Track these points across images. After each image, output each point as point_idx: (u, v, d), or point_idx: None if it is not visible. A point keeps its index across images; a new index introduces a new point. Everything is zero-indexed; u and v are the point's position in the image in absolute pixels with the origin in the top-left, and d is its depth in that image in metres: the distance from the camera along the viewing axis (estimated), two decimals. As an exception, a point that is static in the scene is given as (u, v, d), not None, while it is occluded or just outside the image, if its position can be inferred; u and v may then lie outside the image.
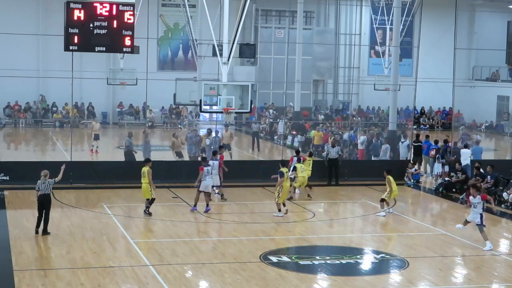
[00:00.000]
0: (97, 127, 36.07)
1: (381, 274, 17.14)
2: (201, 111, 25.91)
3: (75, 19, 19.01)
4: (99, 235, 19.69)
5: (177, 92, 33.00)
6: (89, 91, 46.79)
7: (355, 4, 54.02)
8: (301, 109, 44.30)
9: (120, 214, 22.28)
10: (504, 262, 18.24)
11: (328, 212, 24.30)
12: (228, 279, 16.07)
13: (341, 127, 45.07)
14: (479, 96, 51.83)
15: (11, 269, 16.30)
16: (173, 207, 23.80)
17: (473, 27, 55.74)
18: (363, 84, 52.78)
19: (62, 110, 48.57)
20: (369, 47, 53.93)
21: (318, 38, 51.31)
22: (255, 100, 46.35)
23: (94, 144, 35.15)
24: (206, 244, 19.09)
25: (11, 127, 47.37)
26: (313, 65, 51.37)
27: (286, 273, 16.60)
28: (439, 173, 29.33)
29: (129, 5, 19.34)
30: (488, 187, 25.98)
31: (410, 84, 35.28)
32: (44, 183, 19.28)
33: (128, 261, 17.31)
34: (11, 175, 26.10)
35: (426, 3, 37.38)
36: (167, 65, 51.29)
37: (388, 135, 35.33)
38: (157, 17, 49.31)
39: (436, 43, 51.26)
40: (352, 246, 19.48)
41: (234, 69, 47.69)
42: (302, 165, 25.28)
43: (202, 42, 39.15)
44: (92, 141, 35.56)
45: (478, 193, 19.37)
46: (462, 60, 47.16)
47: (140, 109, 49.71)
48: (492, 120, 52.84)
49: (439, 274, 16.96)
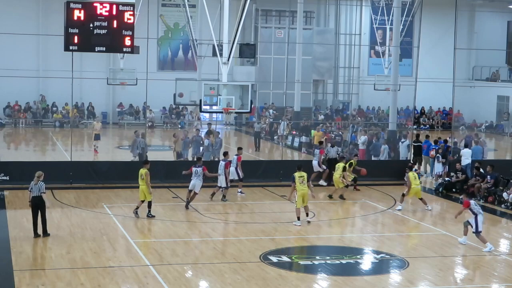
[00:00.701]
0: (99, 127, 35.96)
1: (381, 274, 17.15)
2: (201, 111, 25.91)
3: (75, 19, 19.02)
4: (99, 235, 19.69)
5: (177, 92, 33.03)
6: (89, 91, 46.84)
7: (355, 4, 54.03)
8: (301, 109, 44.28)
9: (120, 214, 22.28)
10: (504, 262, 18.24)
11: (328, 212, 24.29)
12: (228, 279, 16.07)
13: (341, 127, 45.08)
14: (479, 96, 51.84)
15: (11, 269, 16.30)
16: (173, 207, 23.80)
17: (473, 27, 55.74)
18: (363, 84, 52.80)
19: (62, 110, 48.57)
20: (369, 47, 53.94)
21: (318, 38, 51.30)
22: (255, 100, 46.34)
23: (95, 143, 35.14)
24: (206, 244, 19.09)
25: (11, 127, 47.37)
26: (313, 65, 51.37)
27: (286, 273, 16.60)
28: (439, 173, 29.33)
29: (129, 5, 19.35)
30: (488, 187, 25.98)
31: (410, 84, 35.28)
32: (36, 184, 19.06)
33: (128, 261, 17.31)
34: (11, 175, 26.10)
35: (426, 3, 37.39)
36: (167, 65, 51.30)
37: (388, 135, 35.31)
38: (157, 17, 49.32)
39: (436, 43, 51.30)
40: (352, 246, 19.48)
41: (234, 69, 47.69)
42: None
43: (202, 42, 39.18)
44: (93, 141, 35.55)
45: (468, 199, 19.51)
46: (462, 60, 47.19)
47: (140, 109, 49.72)
48: (492, 120, 52.84)
49: (439, 274, 16.96)
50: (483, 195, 25.93)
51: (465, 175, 27.45)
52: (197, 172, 23.31)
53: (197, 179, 23.23)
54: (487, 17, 55.48)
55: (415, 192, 23.85)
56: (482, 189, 26.01)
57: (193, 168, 23.37)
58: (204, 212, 22.85)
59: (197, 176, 23.25)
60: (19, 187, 25.13)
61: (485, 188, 25.97)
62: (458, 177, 27.46)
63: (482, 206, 25.20)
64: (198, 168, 23.39)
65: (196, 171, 23.33)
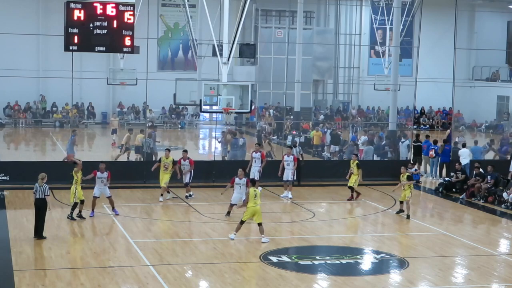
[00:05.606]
0: (116, 123, 38.88)
1: (381, 274, 17.15)
2: (201, 111, 25.90)
3: (75, 19, 19.00)
4: (99, 235, 19.69)
5: (177, 92, 33.01)
6: (89, 91, 46.82)
7: (355, 4, 54.01)
8: (301, 109, 44.27)
9: (120, 214, 22.26)
10: (504, 262, 18.24)
11: (328, 212, 24.30)
12: (228, 279, 16.08)
13: (341, 127, 45.09)
14: (479, 96, 51.84)
15: (11, 269, 16.30)
16: (173, 207, 23.80)
17: (473, 27, 55.75)
18: (363, 84, 52.80)
19: (62, 110, 48.57)
20: (369, 47, 53.94)
21: (318, 38, 51.30)
22: (255, 100, 46.32)
23: (114, 137, 37.76)
24: (206, 244, 19.09)
25: (11, 127, 47.37)
26: (313, 65, 51.37)
27: (286, 273, 16.60)
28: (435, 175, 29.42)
29: (129, 5, 19.33)
30: (488, 187, 25.97)
31: (410, 84, 35.27)
32: (41, 186, 19.08)
33: (128, 261, 17.31)
34: (11, 175, 26.11)
35: (426, 3, 37.38)
36: (167, 65, 51.31)
37: (388, 135, 35.34)
38: (157, 17, 49.27)
39: (436, 43, 51.28)
40: (352, 246, 19.49)
41: (234, 69, 47.68)
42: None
43: (202, 42, 39.14)
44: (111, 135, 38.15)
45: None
46: (462, 60, 47.17)
47: (140, 109, 49.73)
48: (492, 120, 52.85)
49: (439, 274, 16.96)
50: (483, 195, 25.92)
51: (465, 175, 27.45)
52: (239, 184, 21.41)
53: (239, 192, 21.41)
54: (487, 17, 55.47)
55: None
56: (482, 189, 26.01)
57: (235, 179, 21.57)
58: (204, 212, 22.85)
59: (240, 189, 21.36)
60: (19, 187, 25.15)
61: (485, 188, 25.97)
62: (458, 177, 27.46)
63: (482, 206, 25.29)
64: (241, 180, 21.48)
65: (239, 185, 21.39)
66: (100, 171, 21.88)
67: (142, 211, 23.06)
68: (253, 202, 19.02)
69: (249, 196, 19.11)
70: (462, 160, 29.22)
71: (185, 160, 24.55)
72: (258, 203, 19.08)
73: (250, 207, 19.05)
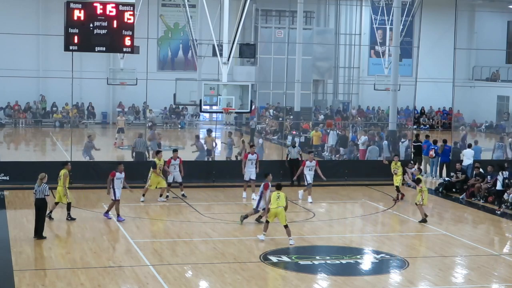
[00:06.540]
0: (122, 123, 38.83)
1: (381, 274, 17.15)
2: (201, 111, 25.90)
3: (75, 19, 19.02)
4: (99, 235, 19.69)
5: (177, 92, 32.98)
6: (89, 91, 46.81)
7: (355, 4, 54.00)
8: (301, 109, 44.25)
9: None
10: (504, 262, 18.24)
11: (328, 212, 24.30)
12: (228, 279, 16.07)
13: (341, 127, 45.06)
14: (479, 96, 51.83)
15: (11, 269, 16.30)
16: (173, 207, 23.80)
17: (473, 27, 55.73)
18: (363, 84, 52.79)
19: (62, 110, 48.57)
20: (369, 47, 53.92)
21: (318, 38, 51.29)
22: (255, 100, 46.31)
23: (118, 136, 37.99)
24: (206, 244, 19.09)
25: (11, 127, 47.37)
26: (313, 65, 51.35)
27: (286, 273, 16.60)
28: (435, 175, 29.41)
29: (129, 5, 19.35)
30: (488, 187, 25.96)
31: (410, 84, 35.27)
32: (40, 186, 19.06)
33: (128, 261, 17.31)
34: (11, 175, 26.11)
35: (426, 3, 37.38)
36: (167, 65, 51.29)
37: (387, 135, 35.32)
38: (157, 17, 49.27)
39: (436, 43, 51.27)
40: (352, 246, 19.48)
41: (234, 69, 47.65)
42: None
43: (202, 42, 39.13)
44: (116, 134, 38.30)
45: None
46: (462, 60, 47.16)
47: (140, 109, 49.72)
48: (492, 120, 52.85)
49: (439, 274, 16.96)
50: (483, 195, 25.91)
51: (465, 175, 27.44)
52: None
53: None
54: (487, 17, 55.46)
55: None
56: (482, 189, 25.99)
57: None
58: (204, 212, 22.85)
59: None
60: (19, 187, 25.14)
61: (485, 188, 25.95)
62: (458, 177, 27.46)
63: (482, 206, 25.28)
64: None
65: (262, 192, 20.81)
66: (118, 171, 21.59)
67: (142, 211, 23.07)
68: (276, 203, 19.06)
69: (271, 198, 19.18)
70: (466, 160, 29.20)
71: (175, 159, 24.58)
72: (281, 204, 19.08)
73: (272, 209, 19.12)
